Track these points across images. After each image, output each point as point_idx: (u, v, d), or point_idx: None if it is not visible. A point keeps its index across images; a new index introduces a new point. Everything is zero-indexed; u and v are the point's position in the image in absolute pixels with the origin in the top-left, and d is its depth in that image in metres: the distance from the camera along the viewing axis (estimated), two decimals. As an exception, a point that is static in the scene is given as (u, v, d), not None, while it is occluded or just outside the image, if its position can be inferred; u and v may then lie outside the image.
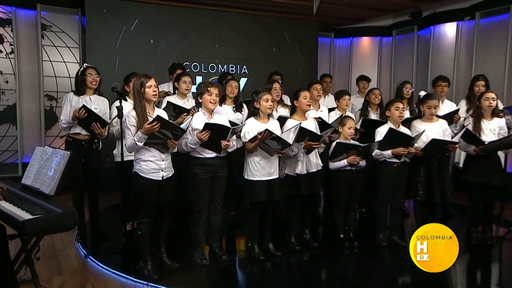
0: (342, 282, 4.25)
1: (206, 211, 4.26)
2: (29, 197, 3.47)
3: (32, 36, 7.64)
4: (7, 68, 7.50)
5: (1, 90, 7.49)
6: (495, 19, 7.58)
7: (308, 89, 5.03)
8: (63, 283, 4.01)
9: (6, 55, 7.49)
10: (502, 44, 7.40)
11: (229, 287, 3.98)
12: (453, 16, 8.14)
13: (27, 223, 2.96)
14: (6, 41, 7.48)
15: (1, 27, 7.44)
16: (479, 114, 4.83)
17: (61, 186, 3.46)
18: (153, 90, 3.84)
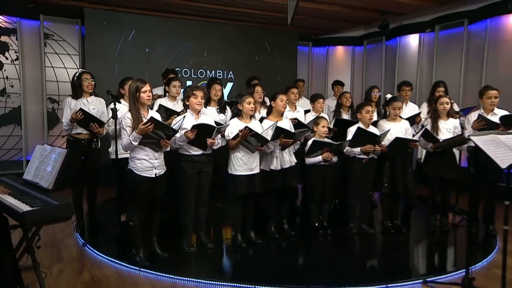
0: (316, 266, 4.25)
1: (193, 203, 4.25)
2: (29, 191, 3.43)
3: (36, 44, 7.57)
4: (13, 73, 7.44)
5: (7, 93, 7.42)
6: (452, 31, 7.68)
7: (286, 93, 5.04)
8: (62, 270, 3.99)
9: (11, 62, 7.43)
10: (458, 53, 7.53)
11: (214, 272, 3.93)
12: (416, 28, 8.24)
13: (26, 215, 2.93)
14: (11, 49, 7.41)
15: (7, 36, 7.38)
16: (436, 115, 4.89)
17: (59, 180, 3.41)
18: (148, 95, 3.82)
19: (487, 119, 4.65)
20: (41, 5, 7.30)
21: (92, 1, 7.13)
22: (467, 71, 7.40)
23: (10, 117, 7.46)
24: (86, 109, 4.62)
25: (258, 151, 4.33)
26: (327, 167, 4.76)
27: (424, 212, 5.66)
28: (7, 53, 7.40)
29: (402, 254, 4.62)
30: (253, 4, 6.98)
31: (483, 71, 7.10)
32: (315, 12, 7.56)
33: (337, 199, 6.00)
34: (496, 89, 4.84)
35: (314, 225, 4.90)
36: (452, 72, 7.55)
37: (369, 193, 5.17)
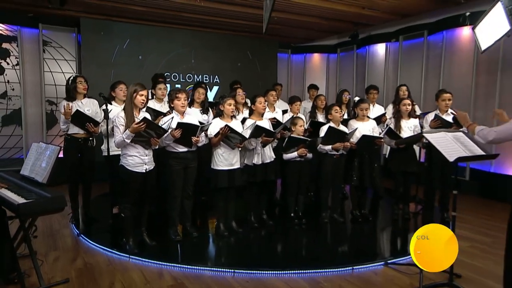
0: (292, 252, 4.28)
1: (179, 197, 4.24)
2: (25, 185, 3.39)
3: (35, 50, 7.48)
4: (13, 77, 7.34)
5: (8, 96, 7.32)
6: (414, 41, 7.78)
7: (265, 95, 5.07)
8: (57, 257, 3.96)
9: (12, 67, 7.32)
10: (419, 61, 7.63)
11: (198, 258, 3.92)
12: (383, 38, 8.32)
13: (21, 206, 2.91)
14: (12, 55, 7.31)
15: (8, 43, 7.28)
16: (399, 115, 4.96)
17: (54, 176, 3.41)
18: (143, 99, 3.80)
19: (442, 118, 4.73)
20: (40, 14, 7.21)
21: (88, 11, 7.06)
22: (427, 77, 7.51)
23: (11, 118, 7.35)
24: (82, 110, 4.59)
25: (238, 148, 4.33)
26: (302, 163, 4.78)
27: (389, 203, 5.73)
28: (8, 59, 7.30)
29: (368, 240, 4.66)
30: (237, 14, 6.98)
31: (440, 77, 7.21)
32: (294, 22, 7.60)
33: (312, 192, 6.02)
34: (450, 92, 4.94)
35: (290, 215, 4.92)
36: (414, 77, 7.65)
37: (340, 186, 5.21)
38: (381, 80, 8.31)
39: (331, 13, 6.91)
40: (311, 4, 6.36)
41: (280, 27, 7.90)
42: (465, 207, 5.74)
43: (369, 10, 6.87)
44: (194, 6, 6.48)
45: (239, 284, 3.39)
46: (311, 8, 6.60)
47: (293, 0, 6.13)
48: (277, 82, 8.02)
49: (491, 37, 4.83)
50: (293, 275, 3.57)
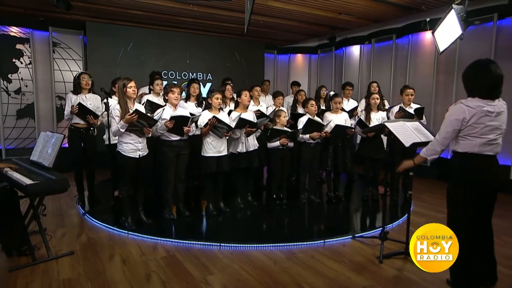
0: (273, 228, 4.36)
1: (172, 180, 4.26)
2: (34, 168, 3.44)
3: (46, 51, 7.42)
4: (27, 75, 7.28)
5: (22, 92, 7.27)
6: (384, 43, 7.83)
7: (250, 90, 5.09)
8: (64, 233, 4.01)
9: (25, 66, 7.26)
10: (388, 61, 7.69)
11: (189, 234, 3.96)
12: (358, 41, 8.35)
13: (29, 187, 2.96)
14: (25, 55, 7.24)
15: (21, 44, 7.21)
16: (369, 108, 5.02)
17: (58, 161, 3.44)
18: (133, 90, 3.82)
19: (406, 110, 4.81)
20: (50, 18, 7.14)
21: (92, 15, 7.01)
22: (395, 75, 7.57)
23: (25, 112, 7.32)
24: (85, 103, 4.59)
25: (225, 137, 4.36)
26: (284, 150, 4.79)
27: (361, 186, 5.80)
28: (22, 58, 7.24)
29: (340, 218, 4.76)
30: (226, 18, 6.95)
31: (407, 75, 7.29)
32: (278, 26, 7.60)
33: (294, 177, 6.06)
34: (412, 88, 5.00)
35: (273, 197, 4.96)
36: (385, 75, 7.71)
37: (317, 170, 5.22)
38: (356, 77, 8.35)
39: (310, 17, 6.92)
40: (291, 9, 6.37)
41: (265, 30, 7.91)
42: (424, 188, 5.87)
43: (345, 16, 6.89)
44: (188, 10, 6.46)
45: (224, 256, 3.45)
46: (292, 13, 6.61)
47: (274, 5, 6.12)
48: (264, 79, 8.04)
49: (447, 40, 4.90)
50: (272, 247, 3.63)
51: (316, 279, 3.03)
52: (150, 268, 3.20)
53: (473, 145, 2.59)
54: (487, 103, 2.55)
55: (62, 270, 3.17)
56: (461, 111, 2.56)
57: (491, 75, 2.53)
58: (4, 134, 7.14)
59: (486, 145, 2.58)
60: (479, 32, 6.10)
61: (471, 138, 2.59)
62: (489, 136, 2.56)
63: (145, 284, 2.94)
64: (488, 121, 2.54)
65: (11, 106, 7.21)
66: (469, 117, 2.53)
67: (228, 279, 3.02)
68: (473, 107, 2.54)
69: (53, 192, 3.14)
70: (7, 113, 7.17)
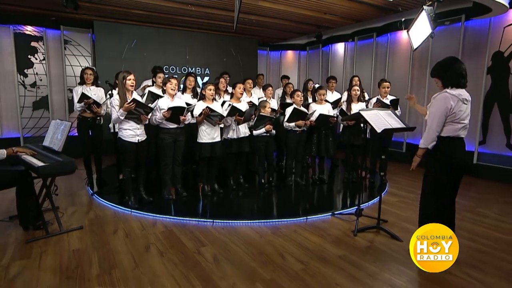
0: (262, 207, 4.39)
1: (170, 164, 4.30)
2: (45, 152, 3.49)
3: (58, 48, 7.39)
4: (41, 70, 7.27)
5: (37, 85, 7.27)
6: (366, 41, 7.82)
7: (243, 83, 5.10)
8: (75, 211, 4.07)
9: (39, 62, 7.24)
10: (370, 57, 7.69)
11: (186, 212, 4.01)
12: (342, 39, 8.33)
13: (40, 168, 3.02)
14: (39, 52, 7.22)
15: (36, 42, 7.18)
16: (350, 99, 5.04)
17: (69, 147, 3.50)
18: (131, 82, 3.83)
19: (382, 101, 4.85)
20: (61, 18, 7.11)
21: (99, 15, 6.97)
22: (376, 70, 7.58)
23: (40, 104, 7.33)
24: (89, 94, 4.61)
25: (218, 125, 4.39)
26: (268, 137, 4.81)
27: (343, 170, 5.88)
28: (36, 55, 7.21)
29: (323, 198, 4.81)
30: (221, 17, 6.90)
31: (386, 70, 7.30)
32: (269, 24, 7.56)
33: (282, 161, 6.10)
34: (388, 81, 5.04)
35: (261, 180, 4.99)
36: (366, 70, 7.73)
37: (302, 155, 5.22)
38: (341, 72, 8.37)
39: (297, 16, 6.90)
40: (280, 9, 6.34)
41: (257, 28, 7.87)
42: (399, 172, 5.95)
43: (330, 16, 6.87)
44: (186, 10, 6.43)
45: (216, 231, 3.52)
46: (281, 12, 6.57)
47: (264, 5, 6.08)
48: (258, 73, 8.02)
49: (420, 38, 4.92)
50: (259, 224, 3.71)
51: (296, 250, 3.11)
52: (150, 241, 3.27)
53: (455, 130, 2.76)
54: (462, 91, 2.74)
55: (72, 241, 3.26)
56: (448, 100, 2.71)
57: (460, 67, 2.73)
58: (22, 124, 7.17)
59: (463, 129, 2.78)
60: (449, 32, 6.16)
61: (454, 123, 2.75)
62: (465, 121, 2.76)
63: (144, 254, 3.02)
64: (465, 108, 2.74)
65: (28, 99, 7.22)
66: (454, 104, 2.70)
67: (218, 250, 3.09)
68: (455, 95, 2.71)
69: (61, 173, 3.19)
70: (24, 104, 7.18)
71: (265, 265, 2.84)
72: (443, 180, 2.79)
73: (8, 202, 4.17)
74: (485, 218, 3.98)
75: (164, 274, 2.68)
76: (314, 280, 2.62)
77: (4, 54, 6.92)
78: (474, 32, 5.88)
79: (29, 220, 3.45)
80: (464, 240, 3.33)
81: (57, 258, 2.94)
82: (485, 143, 5.82)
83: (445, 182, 2.79)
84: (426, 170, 2.91)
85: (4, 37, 6.90)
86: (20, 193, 3.41)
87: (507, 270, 2.84)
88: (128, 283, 2.56)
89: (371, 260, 2.93)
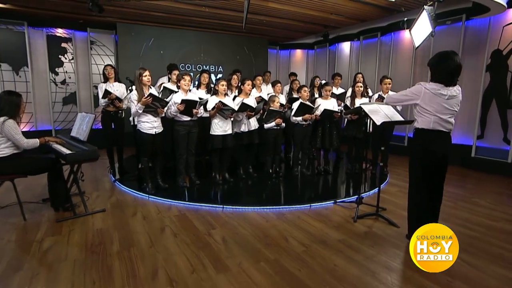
0: (270, 195, 4.39)
1: (184, 154, 4.33)
2: (72, 142, 3.61)
3: (85, 48, 7.53)
4: (70, 69, 7.44)
5: (66, 83, 7.44)
6: (371, 40, 7.69)
7: (253, 80, 5.11)
8: (99, 196, 4.18)
9: (69, 61, 7.41)
10: (374, 55, 7.58)
11: (199, 198, 4.07)
12: (348, 38, 8.22)
13: (67, 155, 3.13)
14: (68, 52, 7.38)
15: (65, 43, 7.35)
16: (354, 95, 5.02)
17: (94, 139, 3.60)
18: (147, 78, 3.88)
19: (383, 97, 4.79)
20: (88, 21, 7.24)
21: (122, 17, 7.06)
22: (380, 67, 7.46)
23: (69, 99, 7.50)
24: (112, 90, 4.70)
25: (230, 118, 4.41)
26: (278, 130, 4.80)
27: (346, 162, 5.83)
28: (66, 54, 7.38)
29: (326, 187, 4.78)
30: (234, 18, 6.87)
31: (389, 67, 7.18)
32: (278, 25, 7.51)
33: (290, 153, 6.09)
34: (390, 78, 4.97)
35: (269, 170, 4.98)
36: (371, 67, 7.62)
37: (308, 147, 5.18)
38: (347, 69, 8.27)
39: (305, 17, 6.83)
40: (288, 9, 6.28)
41: (267, 28, 7.84)
42: (400, 164, 5.88)
43: (336, 16, 6.78)
44: (201, 12, 6.45)
45: (226, 215, 3.57)
46: (290, 13, 6.51)
47: (274, 6, 6.05)
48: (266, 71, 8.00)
49: (421, 36, 4.83)
50: (266, 210, 3.74)
51: (299, 233, 3.14)
52: (165, 223, 3.35)
53: (428, 122, 2.69)
54: (442, 87, 2.64)
55: (96, 222, 3.37)
56: (418, 91, 2.72)
57: (450, 65, 2.61)
58: (53, 117, 7.37)
59: (440, 123, 2.68)
60: (450, 31, 6.02)
61: (427, 115, 2.69)
62: (442, 116, 2.66)
63: (159, 234, 3.10)
64: (441, 102, 2.65)
65: (58, 95, 7.40)
66: (422, 95, 2.68)
67: (227, 232, 3.15)
68: (428, 89, 2.66)
69: (86, 160, 3.28)
70: (55, 100, 7.37)
71: (269, 246, 2.88)
72: (418, 171, 2.77)
73: (41, 187, 4.33)
74: (479, 207, 3.93)
75: (177, 252, 2.76)
76: (314, 261, 2.65)
77: (38, 54, 7.11)
78: (474, 31, 5.73)
79: (59, 203, 3.58)
80: (457, 226, 3.31)
81: (83, 235, 3.05)
82: (483, 137, 5.70)
83: (419, 173, 2.76)
84: (409, 157, 2.90)
85: (38, 39, 7.08)
86: (51, 179, 3.55)
87: (496, 254, 2.82)
88: (144, 260, 2.65)
89: (368, 244, 2.94)
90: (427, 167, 2.74)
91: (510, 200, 4.22)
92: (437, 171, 2.77)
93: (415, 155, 2.80)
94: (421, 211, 2.80)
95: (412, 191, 2.87)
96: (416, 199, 2.83)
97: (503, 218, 3.59)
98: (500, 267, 2.61)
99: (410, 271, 2.49)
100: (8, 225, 3.27)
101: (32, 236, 3.03)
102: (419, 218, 2.76)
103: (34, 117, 7.22)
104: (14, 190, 3.41)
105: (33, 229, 3.18)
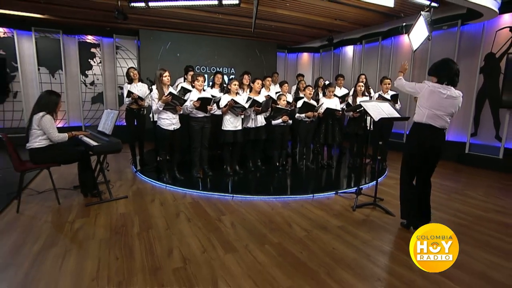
0: (277, 186, 4.39)
1: (199, 147, 4.37)
2: (99, 135, 3.71)
3: (111, 53, 7.67)
4: (98, 71, 7.61)
5: (95, 84, 7.61)
6: (372, 44, 7.60)
7: (263, 80, 5.11)
8: (122, 184, 4.28)
9: (97, 64, 7.58)
10: (375, 58, 7.50)
11: (211, 187, 4.10)
12: (351, 42, 8.13)
13: (94, 147, 3.24)
14: (97, 56, 7.55)
15: (94, 48, 7.52)
16: (356, 94, 5.00)
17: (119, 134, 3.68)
18: (167, 78, 3.93)
19: (383, 97, 4.77)
20: (114, 28, 7.38)
21: (144, 24, 7.18)
22: (381, 70, 7.37)
23: (97, 98, 7.68)
24: (135, 90, 4.78)
25: (240, 115, 4.44)
26: (284, 126, 4.80)
27: (349, 157, 5.77)
28: (94, 58, 7.55)
29: (328, 179, 4.78)
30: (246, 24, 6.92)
31: (390, 70, 7.10)
32: (286, 29, 7.48)
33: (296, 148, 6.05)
34: (389, 78, 4.94)
35: (276, 164, 4.99)
36: (372, 69, 7.54)
37: (312, 143, 5.17)
38: (350, 71, 8.20)
39: (311, 22, 6.80)
40: (296, 15, 6.27)
41: (275, 32, 7.82)
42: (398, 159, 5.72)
43: (340, 21, 6.73)
44: (215, 18, 6.50)
45: (235, 204, 3.62)
46: (296, 18, 6.49)
47: (282, 13, 6.05)
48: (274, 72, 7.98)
49: (418, 40, 4.77)
50: (272, 199, 3.78)
51: (301, 220, 3.17)
52: (179, 209, 3.43)
53: (422, 115, 2.75)
54: (443, 87, 2.71)
55: (119, 207, 3.47)
56: (422, 85, 2.79)
57: (453, 68, 2.70)
58: (83, 115, 7.56)
59: (433, 118, 2.71)
60: (446, 35, 5.93)
61: (423, 109, 2.75)
62: (436, 112, 2.69)
63: (175, 219, 3.18)
64: (438, 99, 2.69)
65: (88, 95, 7.59)
66: (423, 91, 2.76)
67: (236, 218, 3.20)
68: (429, 85, 2.75)
69: (111, 152, 3.39)
70: (85, 99, 7.57)
71: (274, 231, 2.92)
72: (408, 162, 2.88)
73: (73, 175, 4.46)
74: (470, 199, 3.88)
75: (190, 235, 2.83)
76: (314, 244, 2.68)
77: (71, 59, 7.31)
78: (469, 35, 5.63)
79: (88, 189, 3.71)
80: (449, 216, 3.28)
81: (108, 218, 3.16)
82: (476, 135, 5.60)
83: (409, 164, 2.86)
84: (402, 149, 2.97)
85: (71, 45, 7.29)
86: (81, 168, 3.67)
87: (483, 240, 2.81)
88: (161, 240, 2.73)
89: (365, 230, 2.95)
90: (415, 155, 2.82)
91: (500, 193, 4.15)
92: (424, 160, 2.80)
93: (407, 144, 2.92)
94: (408, 194, 2.86)
95: (400, 184, 2.93)
96: (402, 191, 2.95)
97: (493, 209, 3.54)
98: (486, 253, 2.59)
99: (402, 255, 2.50)
100: (45, 207, 3.41)
101: (65, 218, 3.15)
102: (406, 193, 2.91)
103: (67, 114, 7.43)
104: (50, 178, 3.55)
105: (65, 211, 3.31)
